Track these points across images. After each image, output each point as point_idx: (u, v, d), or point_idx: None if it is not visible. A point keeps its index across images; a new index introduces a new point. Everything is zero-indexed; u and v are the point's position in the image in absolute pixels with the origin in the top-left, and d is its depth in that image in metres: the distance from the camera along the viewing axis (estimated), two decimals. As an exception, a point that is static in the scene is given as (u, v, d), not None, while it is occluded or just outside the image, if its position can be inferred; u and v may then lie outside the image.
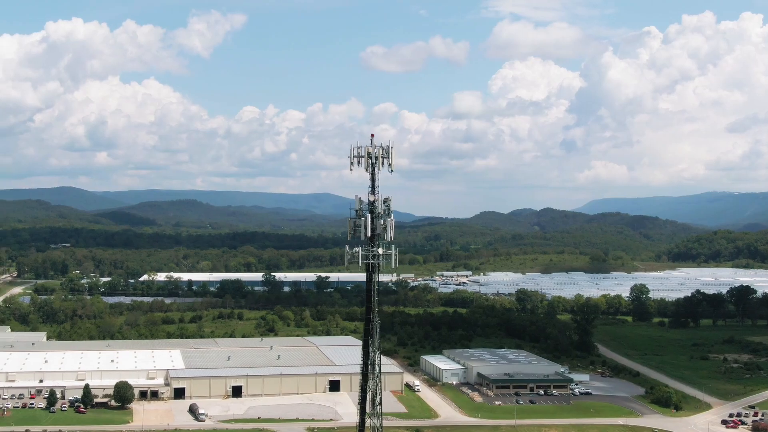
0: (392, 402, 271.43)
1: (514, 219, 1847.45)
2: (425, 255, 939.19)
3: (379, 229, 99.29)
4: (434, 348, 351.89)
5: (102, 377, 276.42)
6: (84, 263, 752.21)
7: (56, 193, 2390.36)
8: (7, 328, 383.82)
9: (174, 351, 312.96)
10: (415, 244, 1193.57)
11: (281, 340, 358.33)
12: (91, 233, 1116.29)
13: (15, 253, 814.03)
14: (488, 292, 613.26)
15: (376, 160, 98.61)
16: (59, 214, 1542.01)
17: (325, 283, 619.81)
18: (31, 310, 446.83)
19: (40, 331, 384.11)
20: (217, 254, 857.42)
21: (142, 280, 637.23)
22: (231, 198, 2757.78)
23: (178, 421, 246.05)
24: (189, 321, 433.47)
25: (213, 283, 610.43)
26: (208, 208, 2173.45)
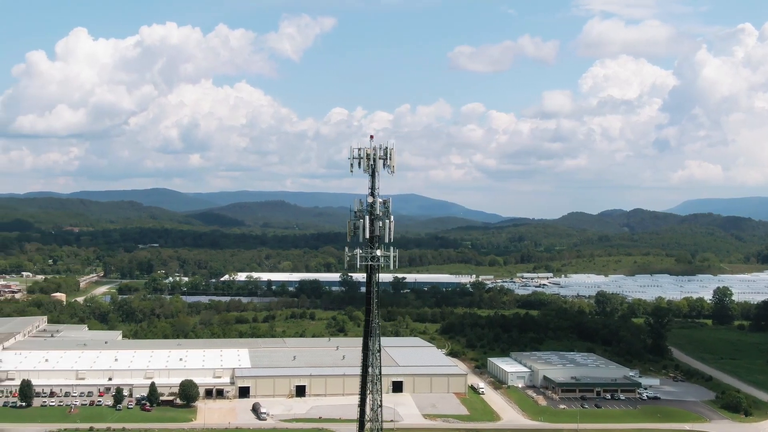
0: (454, 404, 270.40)
1: (603, 220, 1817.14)
2: (506, 256, 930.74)
3: (378, 230, 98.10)
4: (503, 350, 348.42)
5: (170, 375, 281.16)
6: (169, 263, 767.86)
7: (149, 195, 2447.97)
8: (84, 326, 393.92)
9: (242, 350, 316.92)
10: (498, 245, 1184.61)
11: (348, 340, 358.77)
12: (179, 234, 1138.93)
13: (103, 253, 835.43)
14: (568, 295, 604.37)
15: (374, 161, 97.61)
16: (150, 215, 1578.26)
17: (402, 284, 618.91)
18: (111, 309, 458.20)
19: (118, 329, 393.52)
20: (299, 254, 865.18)
21: (223, 280, 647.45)
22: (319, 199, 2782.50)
23: (240, 420, 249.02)
24: (262, 320, 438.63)
25: (292, 283, 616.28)
26: (296, 209, 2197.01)
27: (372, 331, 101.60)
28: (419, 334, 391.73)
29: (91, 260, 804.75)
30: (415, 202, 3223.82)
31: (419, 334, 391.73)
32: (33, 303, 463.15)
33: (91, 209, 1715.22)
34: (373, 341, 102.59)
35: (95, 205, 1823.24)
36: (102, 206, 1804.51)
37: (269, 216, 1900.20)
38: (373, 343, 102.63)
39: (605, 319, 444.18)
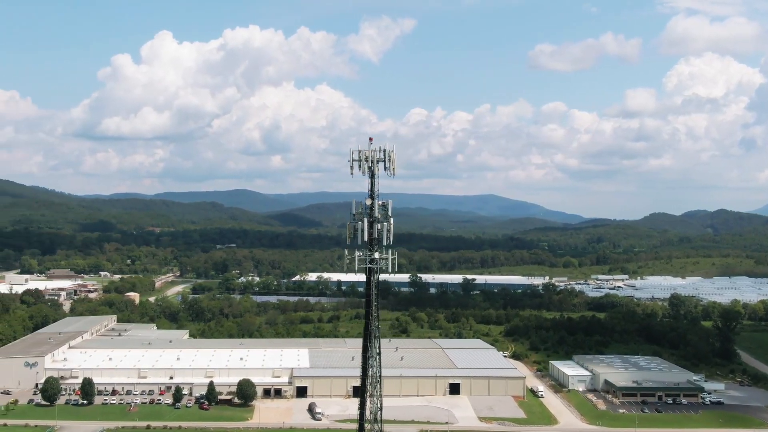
0: (512, 407, 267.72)
1: (686, 221, 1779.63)
2: (581, 258, 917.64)
3: (376, 233, 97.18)
4: (567, 353, 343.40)
5: (230, 375, 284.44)
6: (243, 263, 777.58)
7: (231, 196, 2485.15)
8: (152, 326, 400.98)
9: (302, 350, 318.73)
10: (575, 247, 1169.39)
11: (409, 341, 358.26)
12: (257, 234, 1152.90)
13: (180, 253, 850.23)
14: (642, 297, 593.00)
15: (373, 163, 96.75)
16: (231, 216, 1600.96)
17: (471, 285, 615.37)
18: (181, 309, 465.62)
19: (187, 329, 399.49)
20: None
21: (294, 280, 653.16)
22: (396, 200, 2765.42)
23: (295, 420, 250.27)
24: (327, 321, 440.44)
25: (361, 283, 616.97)
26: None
27: (371, 334, 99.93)
28: (482, 336, 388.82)
29: (169, 260, 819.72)
30: (494, 203, 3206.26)
31: (482, 336, 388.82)
32: (105, 302, 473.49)
33: (174, 210, 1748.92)
34: (372, 344, 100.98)
35: (177, 206, 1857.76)
36: (184, 207, 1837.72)
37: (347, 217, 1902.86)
38: (373, 346, 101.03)
39: (673, 322, 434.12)
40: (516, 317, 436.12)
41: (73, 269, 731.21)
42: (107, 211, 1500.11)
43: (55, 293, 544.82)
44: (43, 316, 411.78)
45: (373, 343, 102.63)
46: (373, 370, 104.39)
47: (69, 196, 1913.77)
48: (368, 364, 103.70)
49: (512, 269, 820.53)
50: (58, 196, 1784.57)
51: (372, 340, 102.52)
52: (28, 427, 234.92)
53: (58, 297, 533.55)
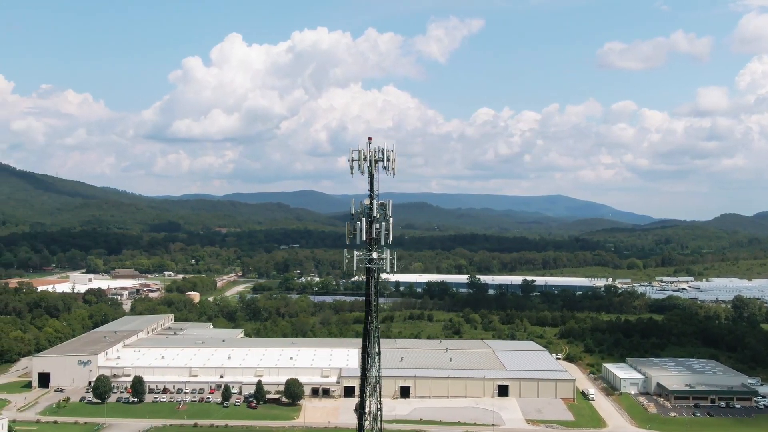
0: (561, 410, 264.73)
1: (758, 222, 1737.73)
2: (645, 260, 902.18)
3: (375, 233, 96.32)
4: (621, 356, 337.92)
5: (279, 374, 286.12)
6: (304, 263, 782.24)
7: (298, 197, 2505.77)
8: (208, 325, 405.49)
9: (352, 350, 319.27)
10: (642, 248, 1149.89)
11: (461, 342, 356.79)
12: (320, 235, 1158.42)
13: (243, 253, 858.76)
14: (707, 299, 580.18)
15: (371, 163, 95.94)
16: (296, 217, 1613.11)
17: (531, 287, 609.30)
18: (238, 308, 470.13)
19: (243, 328, 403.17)
20: (431, 256, 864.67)
21: (353, 280, 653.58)
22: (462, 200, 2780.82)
23: (341, 420, 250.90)
24: (381, 321, 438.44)
25: (420, 284, 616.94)
26: (438, 211, 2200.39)
27: (370, 334, 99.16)
28: (536, 338, 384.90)
29: (232, 260, 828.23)
30: (563, 203, 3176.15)
31: (536, 338, 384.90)
32: (164, 302, 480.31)
33: (241, 211, 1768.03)
34: (371, 345, 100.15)
35: (244, 207, 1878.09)
36: (251, 208, 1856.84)
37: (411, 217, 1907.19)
38: (372, 346, 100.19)
39: (731, 324, 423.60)
40: (572, 319, 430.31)
41: (138, 269, 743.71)
42: (176, 212, 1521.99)
43: (117, 292, 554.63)
44: (102, 315, 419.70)
45: (372, 343, 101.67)
46: (372, 370, 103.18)
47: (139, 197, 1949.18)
48: (367, 364, 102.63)
49: (574, 271, 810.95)
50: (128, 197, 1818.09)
51: (371, 340, 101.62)
52: (78, 425, 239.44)
53: (121, 296, 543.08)
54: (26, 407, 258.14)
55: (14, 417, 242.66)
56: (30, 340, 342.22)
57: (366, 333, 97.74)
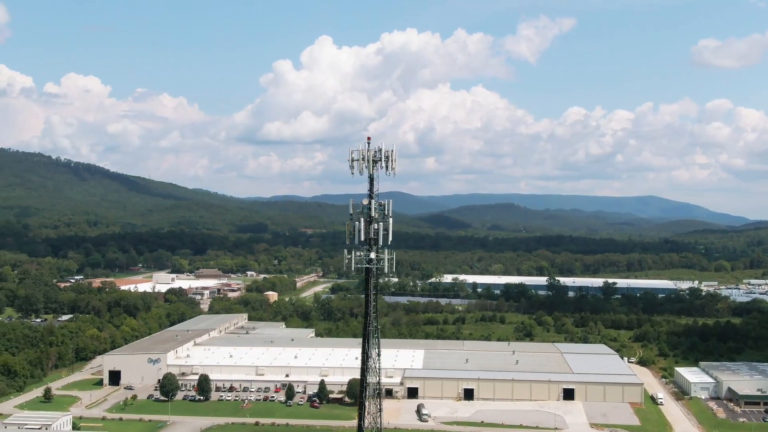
0: (627, 414, 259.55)
1: None
2: (734, 262, 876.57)
3: (373, 233, 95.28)
4: (696, 360, 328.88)
5: (343, 374, 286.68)
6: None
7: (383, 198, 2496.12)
8: (281, 324, 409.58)
9: (418, 351, 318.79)
10: (734, 250, 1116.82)
11: (529, 345, 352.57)
12: (404, 236, 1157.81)
13: (324, 254, 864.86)
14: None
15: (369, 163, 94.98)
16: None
17: (612, 289, 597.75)
18: (313, 308, 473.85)
19: (316, 328, 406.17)
20: (512, 257, 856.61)
21: (430, 281, 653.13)
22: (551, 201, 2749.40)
23: (402, 420, 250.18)
24: (452, 322, 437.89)
25: (497, 285, 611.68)
26: (526, 212, 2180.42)
27: (369, 334, 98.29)
28: (609, 341, 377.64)
29: (313, 261, 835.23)
30: (655, 204, 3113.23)
31: (609, 341, 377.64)
32: (240, 301, 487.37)
33: (327, 212, 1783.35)
34: (371, 345, 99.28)
35: (331, 208, 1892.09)
36: (337, 209, 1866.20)
37: (498, 219, 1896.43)
38: (371, 347, 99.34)
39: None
40: (647, 322, 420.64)
41: (222, 269, 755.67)
42: (264, 213, 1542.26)
43: (198, 292, 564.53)
44: (180, 314, 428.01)
45: (371, 343, 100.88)
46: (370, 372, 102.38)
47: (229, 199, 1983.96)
48: (367, 364, 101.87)
49: (659, 273, 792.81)
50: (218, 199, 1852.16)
51: (370, 341, 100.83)
52: (142, 422, 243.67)
53: (202, 296, 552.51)
54: (94, 404, 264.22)
55: (81, 414, 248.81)
56: (106, 338, 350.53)
57: (365, 334, 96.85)
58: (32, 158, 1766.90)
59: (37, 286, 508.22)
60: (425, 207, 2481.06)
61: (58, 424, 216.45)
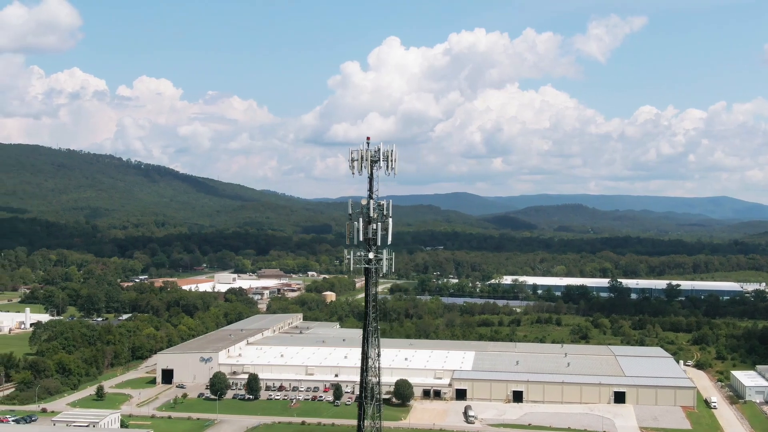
0: (678, 418, 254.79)
1: None
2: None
3: (371, 233, 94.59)
4: (754, 363, 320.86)
5: (392, 374, 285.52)
6: (444, 265, 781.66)
7: (450, 199, 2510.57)
8: (335, 324, 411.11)
9: (468, 352, 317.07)
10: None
11: (583, 347, 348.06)
12: (467, 237, 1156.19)
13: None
14: None
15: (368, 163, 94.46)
16: (446, 219, 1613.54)
17: (675, 291, 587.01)
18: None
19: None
20: (575, 259, 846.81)
21: (489, 283, 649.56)
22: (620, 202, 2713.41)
23: (448, 422, 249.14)
24: (507, 324, 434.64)
25: (558, 287, 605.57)
26: (594, 213, 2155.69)
27: (369, 335, 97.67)
28: (667, 344, 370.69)
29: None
30: (728, 205, 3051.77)
31: (667, 344, 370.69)
32: (297, 301, 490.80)
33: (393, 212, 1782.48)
34: (370, 346, 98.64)
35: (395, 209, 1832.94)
36: (401, 210, 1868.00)
37: (565, 220, 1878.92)
38: (371, 348, 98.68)
39: None
40: (706, 325, 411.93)
41: (283, 269, 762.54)
42: (329, 214, 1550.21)
43: (258, 292, 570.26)
44: (237, 313, 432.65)
45: (371, 343, 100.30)
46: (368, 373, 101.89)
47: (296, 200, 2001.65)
48: (366, 365, 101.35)
49: (726, 275, 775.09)
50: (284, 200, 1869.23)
51: (370, 341, 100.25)
52: (190, 420, 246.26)
53: (262, 295, 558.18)
54: (145, 402, 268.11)
55: (131, 412, 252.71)
56: (162, 337, 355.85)
57: (365, 335, 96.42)
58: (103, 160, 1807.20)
59: (100, 285, 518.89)
60: (491, 208, 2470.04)
61: (106, 422, 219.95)
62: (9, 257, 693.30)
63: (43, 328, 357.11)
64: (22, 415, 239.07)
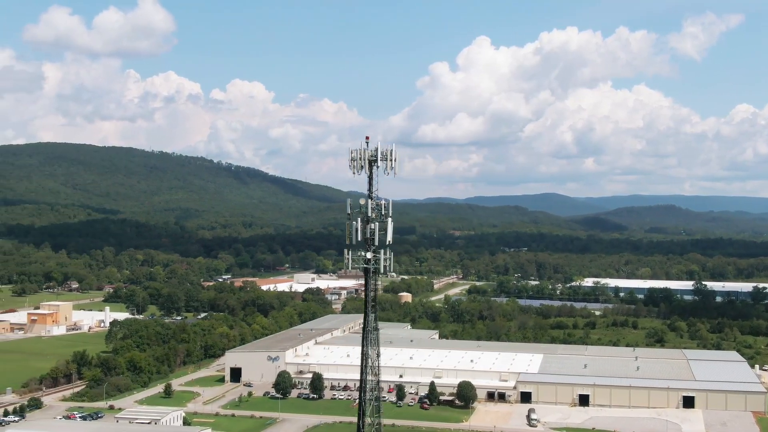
0: (748, 423, 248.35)
1: None
2: None
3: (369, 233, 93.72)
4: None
5: (457, 376, 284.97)
6: (526, 266, 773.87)
7: (538, 200, 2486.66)
8: (406, 325, 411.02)
9: (536, 355, 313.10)
10: None
11: (655, 351, 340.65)
12: (553, 238, 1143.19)
13: (466, 256, 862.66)
14: None
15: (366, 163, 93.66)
16: (533, 220, 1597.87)
17: (762, 294, 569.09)
18: (442, 310, 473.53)
19: (445, 329, 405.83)
20: (661, 261, 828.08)
21: (569, 285, 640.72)
22: (715, 203, 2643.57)
23: (511, 425, 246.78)
24: (582, 327, 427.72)
25: (641, 290, 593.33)
26: (687, 214, 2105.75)
27: (368, 336, 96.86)
28: (744, 348, 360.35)
29: (455, 263, 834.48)
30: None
31: (744, 348, 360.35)
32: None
33: (478, 214, 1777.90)
34: (370, 347, 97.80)
35: (482, 210, 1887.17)
36: (488, 211, 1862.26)
37: (658, 221, 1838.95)
38: (370, 349, 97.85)
39: None
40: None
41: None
42: (414, 215, 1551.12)
43: (336, 292, 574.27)
44: (311, 313, 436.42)
45: (370, 343, 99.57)
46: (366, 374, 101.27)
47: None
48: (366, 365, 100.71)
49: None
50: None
51: (369, 342, 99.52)
52: (253, 419, 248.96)
53: (339, 295, 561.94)
54: (212, 400, 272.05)
55: (197, 410, 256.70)
56: (235, 336, 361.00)
57: (364, 335, 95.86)
58: (195, 162, 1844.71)
59: (181, 285, 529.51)
60: (581, 209, 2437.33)
61: (168, 419, 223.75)
62: (96, 257, 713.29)
63: (119, 327, 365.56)
64: (90, 411, 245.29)
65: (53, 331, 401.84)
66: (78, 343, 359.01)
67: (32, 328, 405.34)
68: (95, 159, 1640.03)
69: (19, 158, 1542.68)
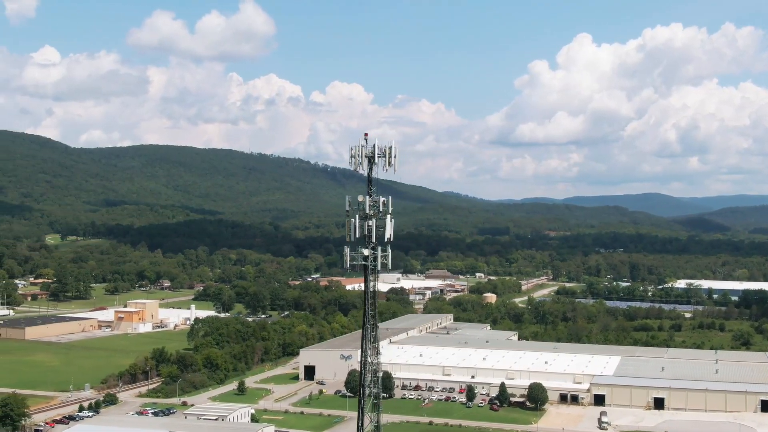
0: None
1: None
2: None
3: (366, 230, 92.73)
4: None
5: (530, 377, 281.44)
6: (619, 268, 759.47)
7: (640, 200, 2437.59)
8: (485, 326, 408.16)
9: (613, 357, 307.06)
10: None
11: (738, 354, 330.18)
12: (652, 239, 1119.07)
13: (557, 257, 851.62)
14: None
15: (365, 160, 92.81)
16: (632, 220, 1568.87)
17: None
18: (525, 311, 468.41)
19: (526, 331, 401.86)
20: (760, 262, 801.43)
21: (662, 287, 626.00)
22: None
23: (580, 427, 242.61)
24: (667, 329, 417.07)
25: (735, 291, 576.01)
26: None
27: (367, 335, 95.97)
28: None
29: (545, 264, 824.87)
30: None
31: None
32: (453, 302, 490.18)
33: (576, 214, 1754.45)
34: (368, 346, 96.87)
35: (580, 210, 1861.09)
36: (586, 211, 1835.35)
37: (763, 221, 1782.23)
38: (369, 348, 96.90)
39: None
40: None
41: (451, 270, 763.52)
42: (509, 215, 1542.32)
43: (421, 292, 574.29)
44: (392, 312, 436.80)
45: (368, 340, 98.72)
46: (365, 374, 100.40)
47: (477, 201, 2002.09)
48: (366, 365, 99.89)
49: None
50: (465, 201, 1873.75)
51: (368, 342, 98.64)
52: (321, 416, 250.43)
53: (423, 295, 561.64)
54: (283, 398, 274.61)
55: (267, 407, 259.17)
56: (314, 334, 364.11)
57: (364, 333, 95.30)
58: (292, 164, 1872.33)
59: (268, 284, 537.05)
60: (684, 209, 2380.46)
61: (235, 416, 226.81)
62: (190, 257, 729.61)
63: (201, 324, 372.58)
64: (162, 408, 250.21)
65: (139, 329, 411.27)
66: (162, 340, 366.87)
67: (119, 325, 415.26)
68: (196, 161, 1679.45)
69: (123, 160, 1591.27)
